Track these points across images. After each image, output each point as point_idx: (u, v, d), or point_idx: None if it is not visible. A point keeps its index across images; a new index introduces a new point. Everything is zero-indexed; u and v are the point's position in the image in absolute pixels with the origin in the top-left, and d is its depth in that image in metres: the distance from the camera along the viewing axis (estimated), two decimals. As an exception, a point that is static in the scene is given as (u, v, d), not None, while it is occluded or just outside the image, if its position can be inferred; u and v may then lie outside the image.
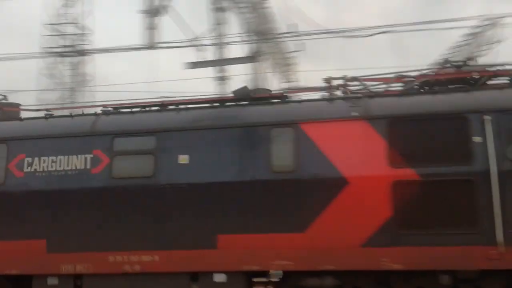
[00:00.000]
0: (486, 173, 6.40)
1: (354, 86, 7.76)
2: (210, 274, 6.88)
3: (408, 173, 6.61)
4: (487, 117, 6.55)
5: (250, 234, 6.80)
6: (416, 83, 7.51)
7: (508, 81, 7.24)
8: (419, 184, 6.58)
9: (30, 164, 7.41)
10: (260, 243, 6.74)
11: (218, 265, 6.83)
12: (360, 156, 6.77)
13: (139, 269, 6.95)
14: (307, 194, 6.80)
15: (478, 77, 7.29)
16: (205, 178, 7.01)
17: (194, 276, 6.94)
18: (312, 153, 6.88)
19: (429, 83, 7.48)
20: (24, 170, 7.41)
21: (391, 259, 6.48)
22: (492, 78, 7.34)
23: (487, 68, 7.53)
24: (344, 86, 7.77)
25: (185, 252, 6.88)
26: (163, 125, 7.38)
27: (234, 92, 7.89)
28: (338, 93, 7.76)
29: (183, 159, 7.14)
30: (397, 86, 7.76)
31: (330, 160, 6.85)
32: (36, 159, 7.41)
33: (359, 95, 7.36)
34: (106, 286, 7.06)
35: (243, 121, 7.21)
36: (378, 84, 7.83)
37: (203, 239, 6.87)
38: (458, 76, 7.39)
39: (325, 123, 7.02)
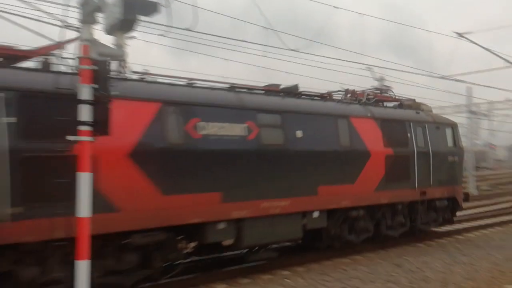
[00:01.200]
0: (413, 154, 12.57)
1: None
2: (311, 212, 10.20)
3: (374, 150, 11.52)
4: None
5: (333, 186, 10.52)
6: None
7: None
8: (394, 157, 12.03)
9: (203, 128, 8.60)
10: (337, 191, 10.59)
11: (317, 206, 10.28)
12: (373, 140, 11.55)
13: (278, 211, 9.54)
14: (355, 161, 11.01)
15: None
16: (312, 148, 10.19)
17: (304, 214, 10.09)
18: (356, 137, 11.15)
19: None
20: (200, 133, 8.53)
21: (384, 198, 11.69)
22: None
23: None
24: (358, 94, 12.50)
25: (301, 198, 9.94)
26: (286, 108, 10.10)
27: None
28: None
29: (299, 133, 10.02)
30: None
31: (364, 141, 11.32)
32: (208, 123, 8.67)
33: (370, 102, 12.43)
34: (258, 225, 9.25)
35: (326, 113, 10.79)
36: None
37: (310, 189, 10.10)
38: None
39: (359, 119, 11.41)
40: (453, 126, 14.50)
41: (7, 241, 6.47)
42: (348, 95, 12.26)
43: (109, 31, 6.36)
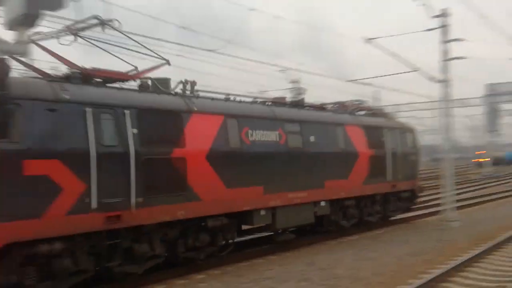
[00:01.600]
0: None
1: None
2: (320, 202, 12.84)
3: (361, 152, 14.45)
4: None
5: (334, 180, 13.17)
6: None
7: None
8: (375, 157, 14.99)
9: (251, 135, 11.00)
10: (337, 184, 13.27)
11: (324, 197, 12.93)
12: (360, 143, 14.43)
13: (299, 201, 12.08)
14: (348, 160, 13.80)
15: None
16: (320, 150, 12.83)
17: (315, 203, 12.72)
18: (349, 141, 13.93)
19: None
20: (249, 139, 10.93)
21: (368, 190, 14.63)
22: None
23: None
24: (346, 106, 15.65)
25: (314, 190, 12.54)
26: (302, 118, 12.75)
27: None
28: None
29: (312, 138, 12.60)
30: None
31: (354, 144, 14.12)
32: (248, 132, 10.96)
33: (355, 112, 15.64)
34: (286, 212, 11.83)
35: (329, 122, 13.64)
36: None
37: (319, 183, 12.73)
38: None
39: (350, 126, 14.30)
40: (413, 130, 17.47)
41: (131, 224, 8.57)
42: (336, 106, 15.33)
43: (10, 26, 5.98)
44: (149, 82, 9.78)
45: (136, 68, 9.71)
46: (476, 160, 60.69)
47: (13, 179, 7.07)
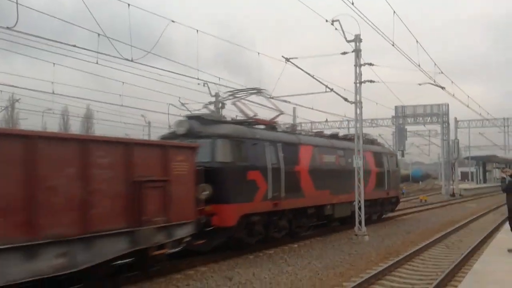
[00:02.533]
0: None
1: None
2: (353, 202, 17.69)
3: (372, 169, 21.48)
4: None
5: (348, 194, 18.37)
6: None
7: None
8: (378, 173, 22.02)
9: (323, 158, 17.73)
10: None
11: (353, 199, 17.70)
12: (372, 164, 21.53)
13: (344, 201, 18.32)
14: (366, 175, 19.10)
15: None
16: (351, 168, 17.88)
17: (350, 203, 18.08)
18: (366, 162, 19.80)
19: None
20: (323, 161, 17.66)
21: (375, 195, 21.61)
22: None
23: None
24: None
25: (350, 194, 17.83)
26: (342, 146, 19.38)
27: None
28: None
29: (350, 160, 18.46)
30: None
31: (369, 164, 20.80)
32: (322, 156, 17.63)
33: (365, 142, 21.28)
34: (339, 207, 18.27)
35: (349, 148, 19.18)
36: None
37: (352, 190, 17.61)
38: None
39: (366, 152, 20.13)
40: (396, 155, 27.76)
41: (281, 208, 14.87)
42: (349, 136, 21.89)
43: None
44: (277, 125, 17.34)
45: (274, 118, 17.20)
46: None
47: (243, 181, 13.46)
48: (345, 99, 18.99)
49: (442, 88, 23.59)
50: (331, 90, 19.16)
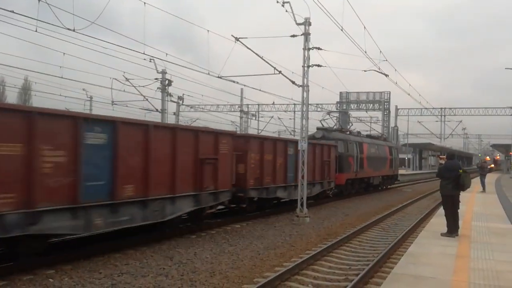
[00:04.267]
0: None
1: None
2: (382, 176, 35.10)
3: (388, 157, 37.55)
4: None
5: (383, 169, 34.99)
6: None
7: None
8: (390, 159, 37.74)
9: (370, 150, 31.60)
10: (383, 170, 35.30)
11: (382, 174, 35.43)
12: (388, 153, 37.58)
13: (378, 175, 33.84)
14: (385, 160, 36.40)
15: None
16: (381, 156, 34.59)
17: (382, 176, 35.54)
18: (386, 152, 36.47)
19: None
20: (370, 151, 31.67)
21: (388, 172, 37.29)
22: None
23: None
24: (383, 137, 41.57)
25: (381, 171, 34.34)
26: (378, 143, 35.20)
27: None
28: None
29: (379, 151, 34.80)
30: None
31: (387, 154, 36.82)
32: (370, 148, 31.63)
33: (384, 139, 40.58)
34: (376, 179, 33.23)
35: (382, 144, 36.18)
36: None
37: (382, 169, 34.72)
38: None
39: (385, 146, 36.67)
40: (397, 148, 41.29)
41: (358, 176, 29.31)
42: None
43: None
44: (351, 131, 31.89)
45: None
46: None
47: (347, 162, 26.97)
48: (293, 82, 19.08)
49: (386, 75, 24.24)
50: (279, 72, 19.18)
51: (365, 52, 20.29)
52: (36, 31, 13.97)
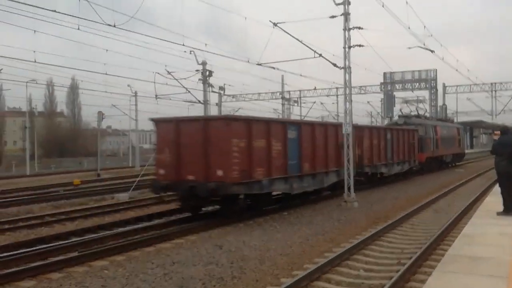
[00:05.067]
0: None
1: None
2: (454, 152, 41.53)
3: (457, 137, 43.59)
4: None
5: (451, 147, 40.10)
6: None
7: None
8: (458, 138, 44.35)
9: (442, 131, 36.01)
10: (452, 149, 40.03)
11: (455, 151, 41.79)
12: (457, 133, 43.13)
13: (449, 153, 38.62)
14: (454, 140, 42.04)
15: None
16: (450, 135, 39.59)
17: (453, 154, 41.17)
18: (455, 132, 42.14)
19: None
20: (442, 132, 36.07)
21: (458, 150, 44.11)
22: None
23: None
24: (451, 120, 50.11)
25: (450, 149, 39.14)
26: (447, 125, 41.57)
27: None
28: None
29: (450, 132, 39.55)
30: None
31: (457, 133, 42.68)
32: (442, 130, 36.32)
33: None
34: (448, 157, 38.14)
35: (452, 126, 43.21)
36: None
37: (452, 148, 40.03)
38: None
39: (454, 128, 42.82)
40: (462, 127, 44.53)
41: (435, 155, 34.15)
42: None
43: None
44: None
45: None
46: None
47: (426, 143, 32.05)
48: (334, 65, 18.73)
49: (432, 51, 23.41)
50: (320, 55, 18.88)
51: (409, 28, 19.64)
52: (78, 29, 14.31)
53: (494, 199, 12.48)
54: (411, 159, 28.42)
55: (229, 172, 12.81)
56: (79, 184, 27.12)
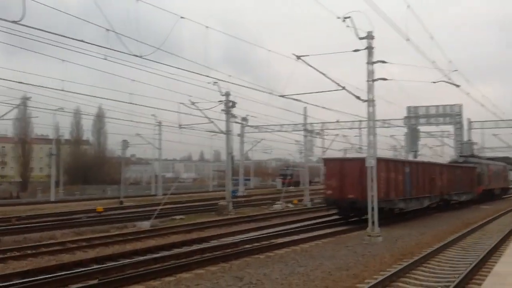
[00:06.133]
0: None
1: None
2: (499, 189, 47.23)
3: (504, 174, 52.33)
4: None
5: (497, 182, 46.80)
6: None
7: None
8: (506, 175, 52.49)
9: (492, 169, 43.56)
10: (498, 183, 45.95)
11: (503, 186, 49.35)
12: (503, 171, 51.58)
13: (495, 187, 44.56)
14: (500, 178, 48.24)
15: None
16: (497, 172, 46.64)
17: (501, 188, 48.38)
18: (500, 169, 49.72)
19: None
20: (493, 170, 43.78)
21: (506, 185, 52.46)
22: None
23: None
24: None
25: (498, 184, 46.46)
26: (495, 163, 47.48)
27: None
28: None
29: (497, 170, 46.53)
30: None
31: (502, 171, 50.75)
32: (492, 168, 43.87)
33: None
34: (496, 190, 44.85)
35: (498, 165, 48.98)
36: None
37: (502, 183, 48.22)
38: None
39: (502, 167, 49.64)
40: (506, 166, 51.39)
41: (487, 188, 41.17)
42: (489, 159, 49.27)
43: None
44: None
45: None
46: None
47: (481, 178, 38.66)
48: (357, 97, 18.66)
49: (457, 86, 23.17)
50: (343, 88, 18.85)
51: (433, 62, 19.56)
52: (105, 59, 14.63)
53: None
54: (473, 191, 35.94)
55: (378, 194, 17.84)
56: (102, 211, 27.28)
